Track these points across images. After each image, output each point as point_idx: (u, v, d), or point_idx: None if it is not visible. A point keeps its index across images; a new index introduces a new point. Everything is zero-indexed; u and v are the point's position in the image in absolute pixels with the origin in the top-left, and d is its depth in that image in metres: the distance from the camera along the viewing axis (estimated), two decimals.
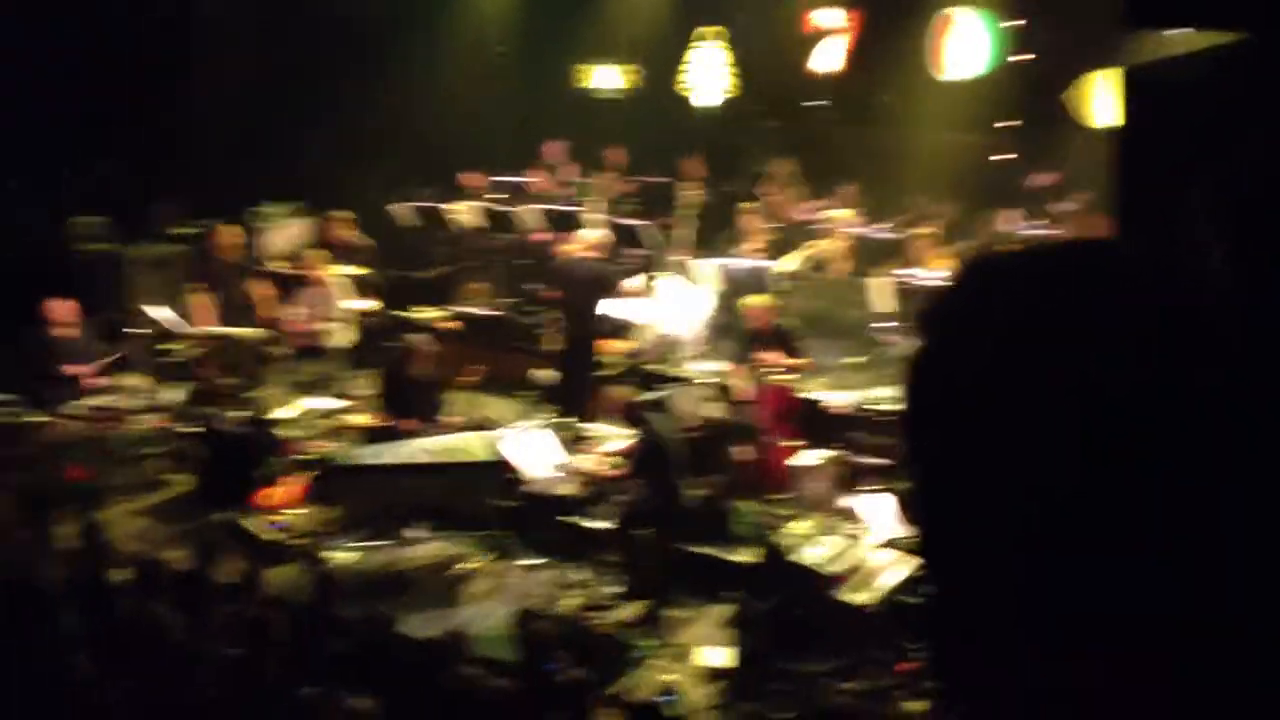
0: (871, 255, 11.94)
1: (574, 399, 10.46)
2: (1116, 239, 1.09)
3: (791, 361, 9.94)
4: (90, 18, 12.52)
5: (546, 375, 10.59)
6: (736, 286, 11.24)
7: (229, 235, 11.81)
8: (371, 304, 12.10)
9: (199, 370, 10.76)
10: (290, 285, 11.75)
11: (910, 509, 1.07)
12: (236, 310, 11.64)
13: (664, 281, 11.68)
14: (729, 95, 13.77)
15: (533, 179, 14.12)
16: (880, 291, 10.87)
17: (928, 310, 1.06)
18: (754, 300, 10.21)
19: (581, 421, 10.30)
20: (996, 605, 0.97)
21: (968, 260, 1.08)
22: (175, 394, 10.52)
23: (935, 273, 11.01)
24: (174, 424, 10.30)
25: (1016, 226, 12.25)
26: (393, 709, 6.42)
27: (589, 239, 11.03)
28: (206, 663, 6.76)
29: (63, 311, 10.46)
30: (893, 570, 7.88)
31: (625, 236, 12.25)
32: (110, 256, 12.42)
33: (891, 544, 8.12)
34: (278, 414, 10.04)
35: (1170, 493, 0.91)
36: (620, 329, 11.25)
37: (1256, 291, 1.13)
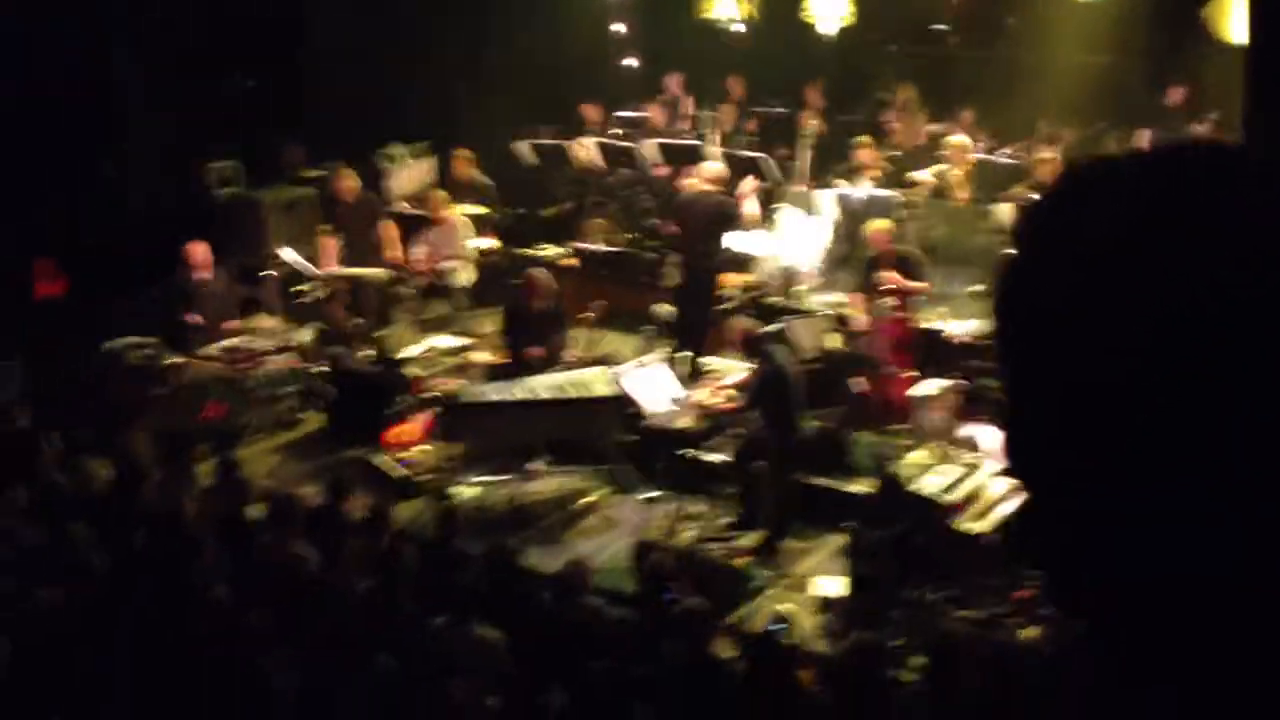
0: (998, 180, 11.67)
1: (694, 333, 10.48)
2: (1227, 143, 1.03)
3: (913, 285, 9.79)
4: None
5: (666, 310, 10.63)
6: (857, 215, 11.11)
7: (351, 177, 12.03)
8: (493, 242, 12.25)
9: (327, 311, 11.06)
10: (415, 225, 11.96)
11: (1000, 421, 1.06)
12: (363, 251, 11.90)
13: (784, 212, 11.60)
14: (849, 22, 13.50)
15: (653, 113, 14.07)
16: (1007, 217, 10.64)
17: (1022, 219, 1.03)
18: (875, 226, 10.09)
19: (701, 355, 10.35)
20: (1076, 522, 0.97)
21: (1067, 168, 1.04)
22: (305, 334, 10.82)
23: None
24: (304, 364, 10.62)
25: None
26: (518, 640, 6.63)
27: (709, 172, 10.99)
28: (340, 594, 7.03)
29: (198, 255, 10.81)
30: (1011, 499, 7.80)
31: (745, 168, 12.17)
32: (243, 200, 12.75)
33: (1009, 473, 8.01)
34: (403, 353, 10.27)
35: (1256, 421, 0.87)
36: (741, 262, 11.23)
37: None
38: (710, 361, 10.25)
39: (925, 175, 11.54)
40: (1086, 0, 12.31)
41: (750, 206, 11.43)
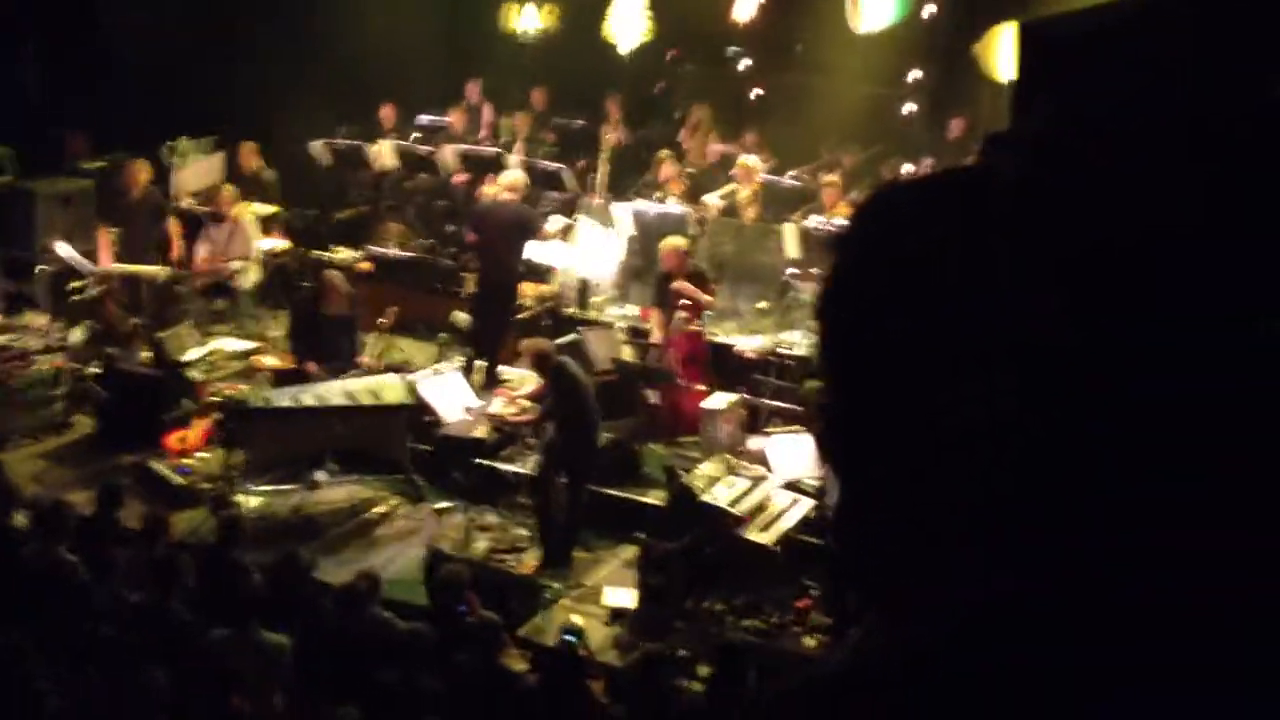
0: (783, 201, 12.04)
1: (491, 342, 10.45)
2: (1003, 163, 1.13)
3: (703, 299, 9.97)
4: None
5: (463, 318, 10.55)
6: (651, 230, 11.28)
7: (139, 170, 11.52)
8: (282, 243, 11.94)
9: (101, 309, 10.56)
10: (200, 222, 11.55)
11: (823, 429, 1.12)
12: (145, 247, 11.42)
13: (581, 224, 11.68)
14: (647, 39, 13.71)
15: (454, 119, 13.97)
16: (791, 237, 10.98)
17: (836, 237, 1.11)
18: (669, 243, 10.26)
19: (498, 365, 10.32)
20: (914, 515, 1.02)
21: (873, 190, 1.14)
22: (77, 334, 10.30)
23: (843, 220, 11.15)
24: (76, 365, 10.10)
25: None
26: (305, 650, 6.47)
27: (509, 180, 10.96)
28: (111, 605, 6.73)
29: None
30: (795, 511, 8.06)
31: (544, 179, 12.21)
32: (18, 190, 12.07)
33: (793, 486, 8.29)
34: (185, 355, 9.90)
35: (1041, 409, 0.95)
36: (538, 272, 11.25)
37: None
38: (506, 371, 10.24)
39: (715, 200, 11.82)
40: (868, 33, 12.82)
41: (551, 219, 11.49)
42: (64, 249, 11.12)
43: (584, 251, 11.42)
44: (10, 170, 12.23)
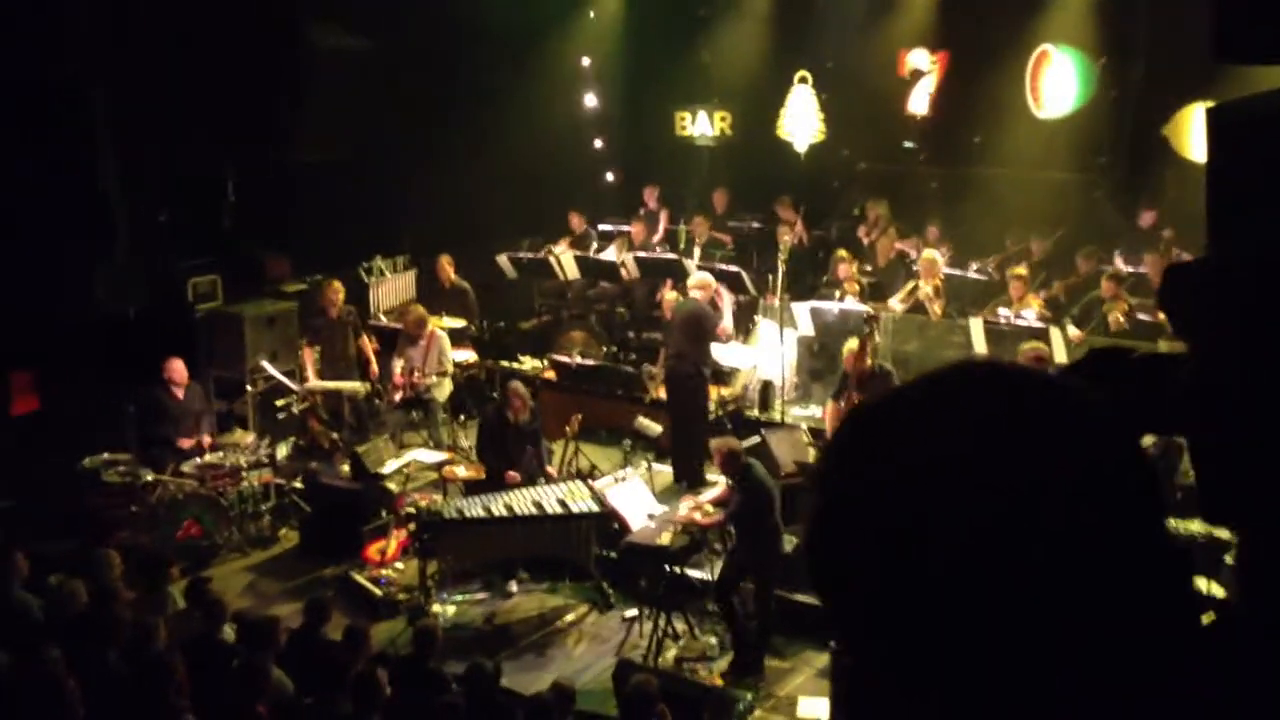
0: (968, 296, 11.85)
1: (685, 439, 10.48)
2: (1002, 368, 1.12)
3: None
4: (204, 62, 12.76)
5: (648, 424, 10.64)
6: (831, 330, 11.23)
7: (336, 291, 12.09)
8: (471, 355, 12.30)
9: (307, 425, 11.03)
10: (395, 338, 12.00)
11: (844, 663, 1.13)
12: (343, 364, 11.92)
13: (760, 326, 11.71)
14: (820, 139, 13.80)
15: (634, 228, 14.27)
16: (978, 332, 10.77)
17: (818, 469, 1.11)
18: (851, 343, 10.19)
19: (696, 468, 10.32)
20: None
21: (849, 415, 1.11)
22: (281, 449, 10.76)
23: (1031, 311, 10.90)
24: (281, 480, 10.54)
25: (1114, 263, 12.07)
26: None
27: (697, 281, 11.08)
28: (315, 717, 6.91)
29: (176, 371, 10.78)
30: None
31: (725, 281, 12.32)
32: (223, 315, 12.76)
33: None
34: (382, 468, 10.23)
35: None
36: (720, 375, 11.30)
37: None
38: (694, 475, 10.27)
39: (896, 304, 11.71)
40: (1049, 119, 12.62)
41: (728, 319, 11.55)
42: (270, 368, 11.68)
43: (763, 352, 11.42)
44: (215, 296, 12.94)
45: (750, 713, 7.76)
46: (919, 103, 13.99)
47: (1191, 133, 11.31)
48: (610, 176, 16.07)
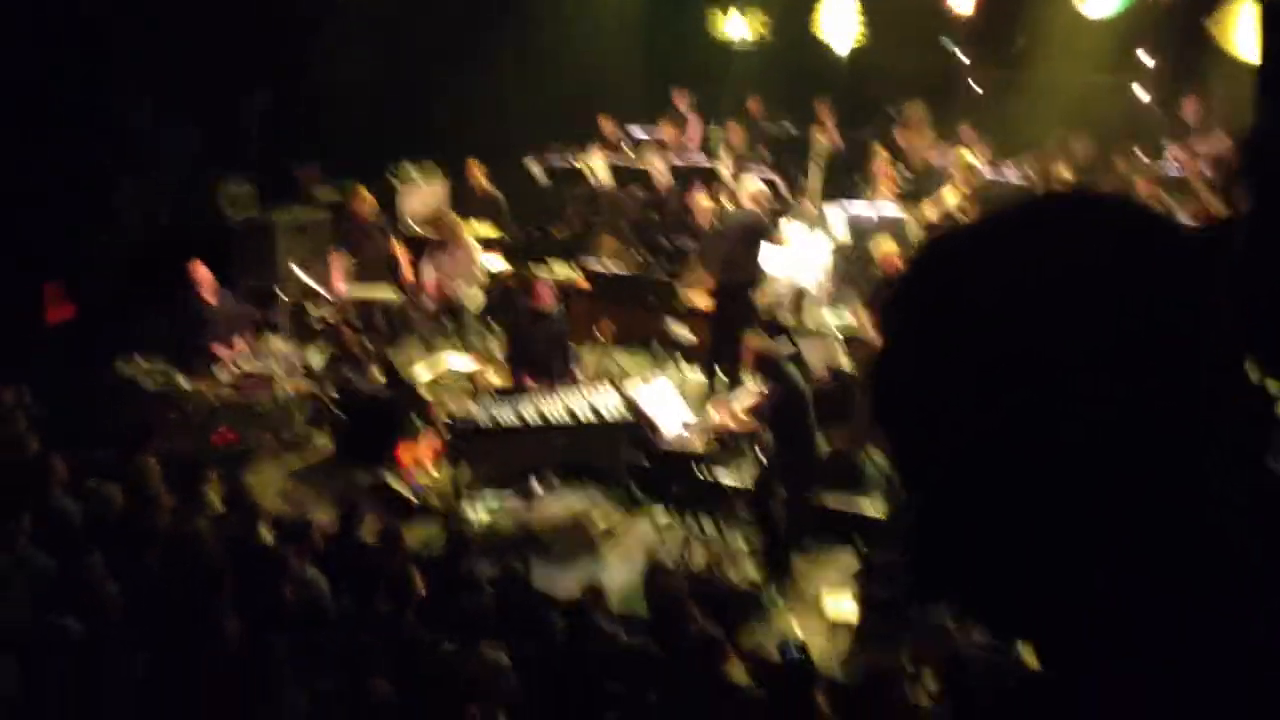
0: (1006, 199, 11.62)
1: (732, 350, 10.42)
2: (1084, 191, 1.08)
3: None
4: None
5: (682, 331, 10.59)
6: (866, 234, 11.09)
7: (368, 198, 12.04)
8: (503, 263, 12.26)
9: (340, 333, 11.06)
10: (426, 246, 11.97)
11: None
12: (375, 272, 11.91)
13: (794, 230, 11.58)
14: (861, 42, 13.51)
15: (666, 132, 14.08)
16: None
17: (886, 303, 1.05)
18: (887, 247, 10.06)
19: (732, 375, 10.28)
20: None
21: (920, 244, 1.06)
22: (315, 357, 10.81)
23: None
24: (315, 387, 10.61)
25: (1156, 163, 11.82)
26: (529, 663, 6.59)
27: (751, 190, 10.94)
28: (352, 619, 7.01)
29: (201, 276, 10.79)
30: None
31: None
32: (255, 223, 12.77)
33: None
34: (415, 375, 10.26)
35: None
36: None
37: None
38: (727, 381, 10.22)
39: (944, 190, 11.46)
40: (1095, 19, 12.30)
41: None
42: (303, 276, 11.69)
43: (798, 257, 11.31)
44: (248, 204, 12.94)
45: (780, 613, 7.81)
46: (963, 3, 13.65)
47: (1237, 27, 10.98)
48: (643, 80, 15.82)
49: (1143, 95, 12.78)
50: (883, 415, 1.04)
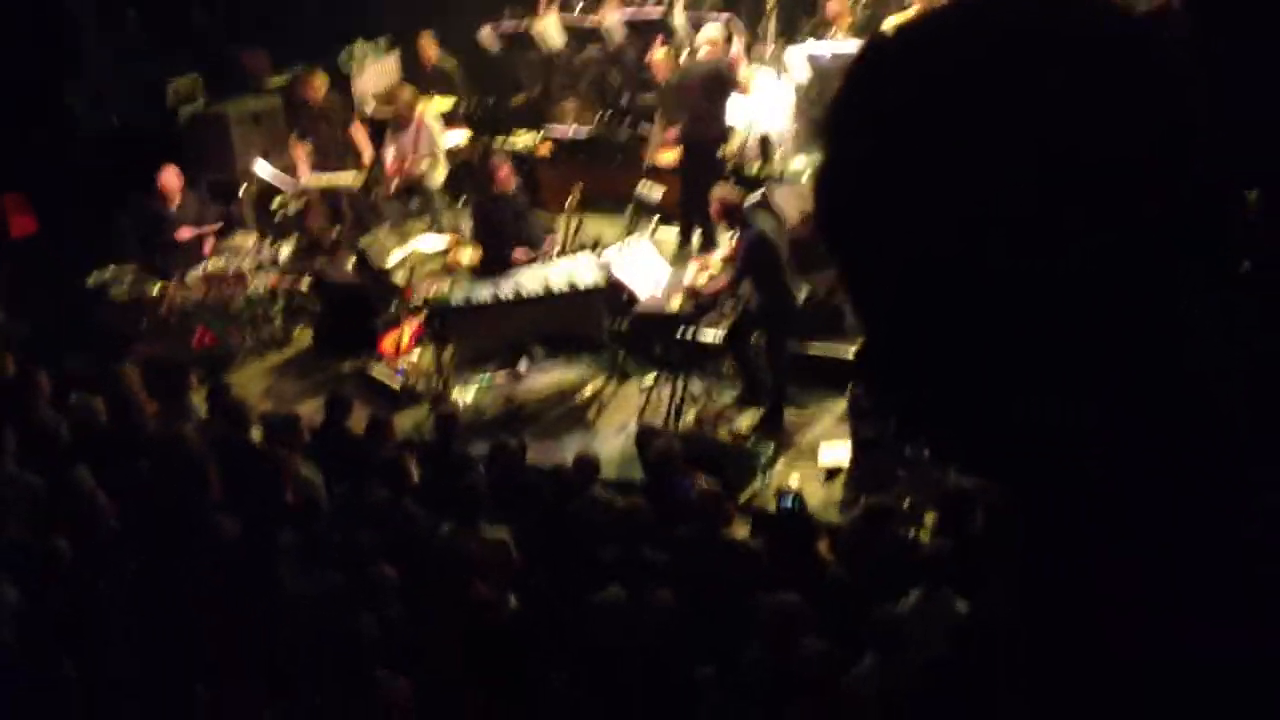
0: None
1: (699, 208, 10.29)
2: None
3: None
4: None
5: (651, 189, 10.43)
6: (829, 75, 10.86)
7: (320, 80, 11.73)
8: (464, 135, 12.03)
9: (307, 222, 10.90)
10: (385, 126, 11.72)
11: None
12: (334, 156, 11.68)
13: (758, 77, 11.34)
14: None
15: None
16: None
17: (828, 110, 0.96)
18: None
19: (706, 230, 10.16)
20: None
21: (863, 45, 0.98)
22: (284, 249, 10.65)
23: None
24: (288, 280, 10.48)
25: None
26: (529, 537, 6.65)
27: (708, 36, 10.65)
28: (350, 510, 7.04)
29: (170, 181, 10.58)
30: None
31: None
32: (207, 117, 12.46)
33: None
34: (387, 260, 10.14)
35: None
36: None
37: None
38: (699, 237, 10.14)
39: (901, 17, 11.18)
40: None
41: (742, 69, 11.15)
42: (262, 167, 11.46)
43: (761, 104, 11.10)
44: (197, 98, 12.60)
45: (773, 465, 7.87)
46: None
47: None
48: None
49: None
50: (826, 233, 0.96)
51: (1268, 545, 0.89)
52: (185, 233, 10.44)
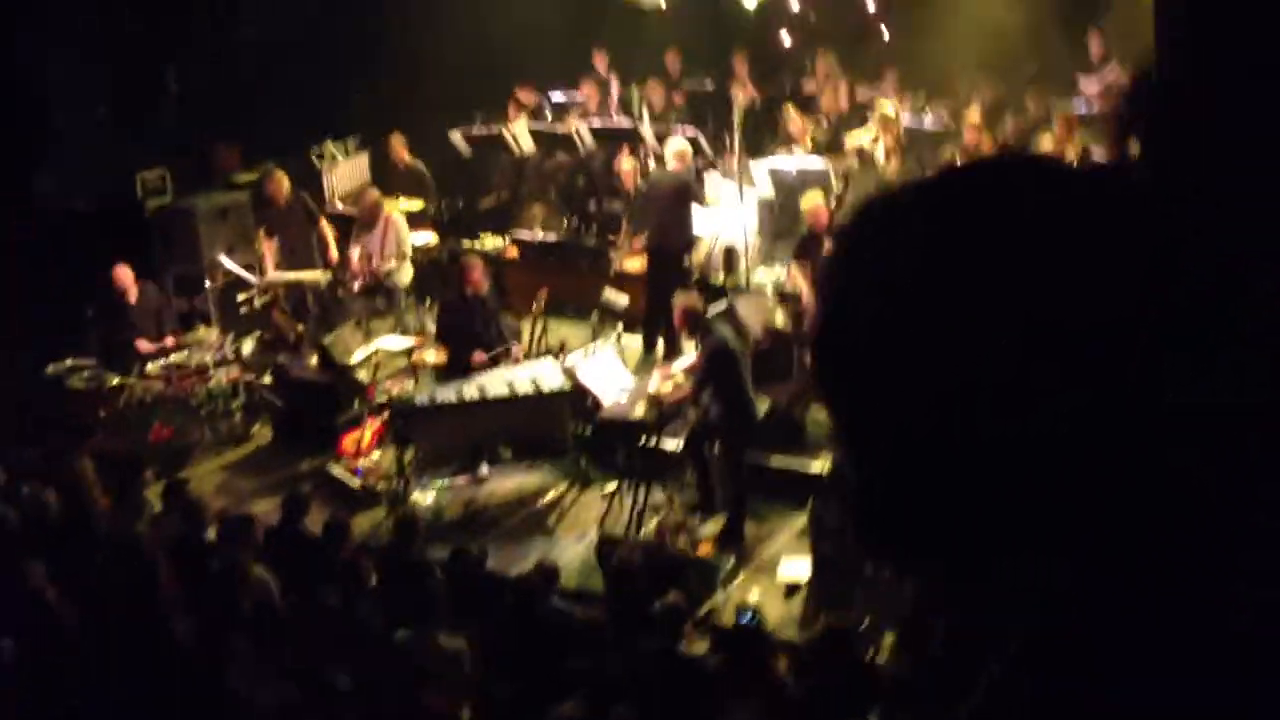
0: (926, 144, 11.68)
1: (663, 317, 10.38)
2: (1017, 157, 1.06)
3: None
4: None
5: (615, 296, 10.54)
6: (789, 189, 11.09)
7: (283, 180, 11.79)
8: (431, 237, 12.13)
9: (271, 318, 10.90)
10: (352, 225, 11.79)
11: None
12: (300, 254, 11.72)
13: (720, 188, 11.56)
14: None
15: (586, 94, 13.92)
16: None
17: (825, 267, 1.04)
18: (811, 199, 10.07)
19: (670, 339, 10.24)
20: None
21: (859, 208, 1.04)
22: (247, 345, 10.63)
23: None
24: (249, 375, 10.44)
25: (1074, 97, 11.92)
26: (487, 646, 6.59)
27: (676, 150, 10.85)
28: (304, 614, 6.95)
29: (123, 279, 10.55)
30: None
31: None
32: (175, 210, 12.47)
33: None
34: (351, 358, 10.14)
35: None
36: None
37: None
38: (663, 346, 10.22)
39: (862, 137, 11.42)
40: None
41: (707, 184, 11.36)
42: (228, 262, 11.48)
43: (725, 216, 11.30)
44: (165, 191, 12.63)
45: (733, 578, 7.87)
46: None
47: None
48: (560, 41, 15.63)
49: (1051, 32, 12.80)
50: (825, 382, 1.02)
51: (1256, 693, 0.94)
52: (145, 345, 10.41)
